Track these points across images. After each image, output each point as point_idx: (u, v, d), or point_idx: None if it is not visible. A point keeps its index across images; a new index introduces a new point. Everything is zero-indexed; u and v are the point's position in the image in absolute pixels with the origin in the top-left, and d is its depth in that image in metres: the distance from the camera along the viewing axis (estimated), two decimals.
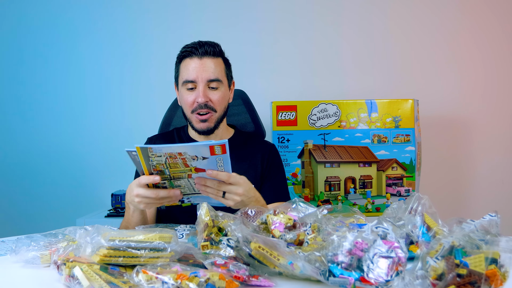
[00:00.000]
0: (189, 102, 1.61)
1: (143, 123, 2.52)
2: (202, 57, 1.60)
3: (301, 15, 2.48)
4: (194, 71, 1.59)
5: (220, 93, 1.61)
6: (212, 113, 1.61)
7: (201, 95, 1.58)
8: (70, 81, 2.62)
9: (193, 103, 1.60)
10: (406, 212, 1.14)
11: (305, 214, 1.15)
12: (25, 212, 2.63)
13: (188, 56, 1.61)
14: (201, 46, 1.60)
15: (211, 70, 1.59)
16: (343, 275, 0.93)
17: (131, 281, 0.93)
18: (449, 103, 2.43)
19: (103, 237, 1.00)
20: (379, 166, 2.05)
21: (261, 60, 2.50)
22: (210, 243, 1.07)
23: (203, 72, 1.59)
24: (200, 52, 1.60)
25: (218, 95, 1.61)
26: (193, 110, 1.61)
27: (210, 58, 1.60)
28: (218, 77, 1.60)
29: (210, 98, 1.60)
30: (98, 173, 2.59)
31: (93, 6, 2.59)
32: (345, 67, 2.47)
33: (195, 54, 1.60)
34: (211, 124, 1.62)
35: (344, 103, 2.06)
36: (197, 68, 1.59)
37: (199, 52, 1.60)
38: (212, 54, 1.61)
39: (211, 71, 1.59)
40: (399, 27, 2.45)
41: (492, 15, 2.40)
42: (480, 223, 1.07)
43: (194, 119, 1.63)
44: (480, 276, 0.83)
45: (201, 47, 1.60)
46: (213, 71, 1.59)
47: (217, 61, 1.62)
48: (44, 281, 1.06)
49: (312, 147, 2.07)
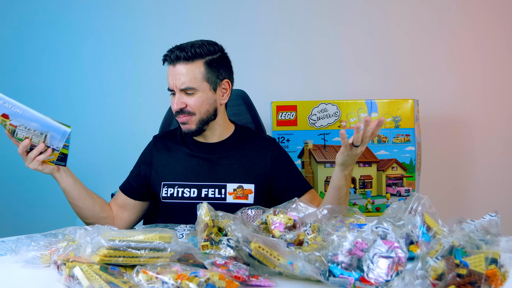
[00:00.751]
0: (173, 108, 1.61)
1: (144, 123, 2.52)
2: (175, 63, 1.56)
3: (301, 15, 2.48)
4: (170, 78, 1.58)
5: (196, 98, 1.57)
6: (192, 116, 1.59)
7: (174, 102, 1.58)
8: (71, 81, 2.62)
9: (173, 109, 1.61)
10: (406, 212, 1.14)
11: (305, 214, 1.15)
12: (25, 212, 2.63)
13: (165, 62, 1.60)
14: (172, 52, 1.57)
15: (183, 78, 1.55)
16: (343, 275, 0.93)
17: (131, 281, 0.93)
18: (449, 103, 2.42)
19: (103, 237, 1.00)
20: (379, 166, 2.05)
21: (261, 60, 2.50)
22: (210, 243, 1.07)
23: (175, 80, 1.56)
24: (172, 58, 1.57)
25: (194, 99, 1.57)
26: (175, 114, 1.62)
27: (183, 64, 1.56)
28: (189, 86, 1.55)
29: (186, 103, 1.57)
30: (98, 173, 2.59)
31: (93, 7, 2.59)
32: (345, 67, 2.47)
33: (168, 61, 1.58)
34: (192, 126, 1.60)
35: (344, 103, 2.06)
36: (171, 76, 1.58)
37: (171, 59, 1.57)
38: (184, 59, 1.55)
39: (183, 79, 1.55)
40: (399, 27, 2.45)
41: (493, 15, 2.40)
42: (480, 223, 1.08)
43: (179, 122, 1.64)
44: (480, 276, 0.83)
45: (172, 53, 1.57)
46: (184, 79, 1.55)
47: (190, 66, 1.56)
48: (44, 281, 1.06)
49: (312, 147, 2.07)
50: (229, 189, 1.62)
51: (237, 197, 1.61)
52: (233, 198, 1.61)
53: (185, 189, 1.63)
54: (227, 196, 1.61)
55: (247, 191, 1.62)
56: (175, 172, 1.66)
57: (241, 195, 1.62)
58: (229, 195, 1.61)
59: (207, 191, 1.62)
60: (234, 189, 1.62)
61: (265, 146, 1.70)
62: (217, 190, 1.62)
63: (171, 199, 1.63)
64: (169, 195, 1.63)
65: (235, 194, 1.62)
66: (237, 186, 1.62)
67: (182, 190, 1.63)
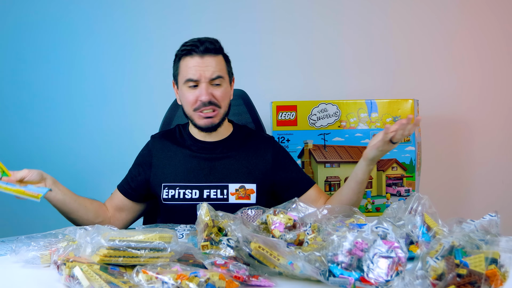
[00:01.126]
0: (191, 101, 1.58)
1: (144, 123, 2.51)
2: (203, 55, 1.57)
3: (301, 15, 2.48)
4: (196, 69, 1.56)
5: (223, 89, 1.59)
6: (217, 110, 1.59)
7: (204, 93, 1.56)
8: (71, 81, 2.61)
9: (195, 101, 1.58)
10: (406, 212, 1.14)
11: (305, 214, 1.15)
12: (25, 212, 2.63)
13: (188, 54, 1.58)
14: (202, 43, 1.58)
15: (212, 69, 1.57)
16: (343, 275, 0.93)
17: (131, 281, 0.93)
18: (449, 103, 2.42)
19: (103, 237, 1.00)
20: (379, 166, 2.05)
21: (261, 60, 2.49)
22: (210, 243, 1.07)
23: (205, 70, 1.56)
24: (201, 50, 1.57)
25: (221, 91, 1.59)
26: (195, 108, 1.59)
27: (211, 56, 1.58)
28: (220, 74, 1.58)
29: (214, 95, 1.58)
30: (98, 173, 2.58)
31: (93, 7, 2.58)
32: (345, 67, 2.47)
33: (196, 52, 1.57)
34: (216, 120, 1.60)
35: (344, 103, 2.06)
36: (198, 67, 1.57)
37: (200, 50, 1.57)
38: (214, 52, 1.59)
39: (212, 69, 1.57)
40: (399, 27, 2.45)
41: (492, 15, 2.40)
42: (480, 223, 1.08)
43: (196, 117, 1.60)
44: (480, 276, 0.83)
45: (202, 45, 1.57)
46: (214, 69, 1.57)
47: (218, 58, 1.60)
48: (44, 281, 1.06)
49: (312, 147, 2.07)
50: (231, 189, 1.61)
51: (239, 197, 1.61)
52: (236, 198, 1.60)
53: (187, 190, 1.61)
54: (230, 197, 1.60)
55: (249, 191, 1.61)
56: (176, 173, 1.64)
57: (243, 195, 1.61)
58: (231, 196, 1.60)
59: (209, 192, 1.61)
60: (236, 189, 1.61)
61: (265, 145, 1.69)
62: (219, 191, 1.61)
63: (172, 201, 1.62)
64: (170, 196, 1.62)
65: (237, 195, 1.61)
66: (239, 186, 1.61)
67: (183, 192, 1.61)
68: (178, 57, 1.62)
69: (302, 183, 1.66)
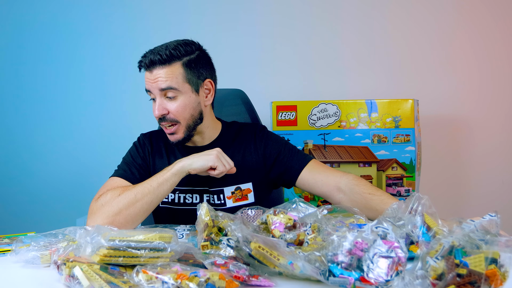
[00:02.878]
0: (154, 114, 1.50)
1: (143, 123, 2.50)
2: (151, 68, 1.47)
3: (301, 16, 2.48)
4: (147, 83, 1.49)
5: (179, 102, 1.47)
6: (177, 124, 1.50)
7: (156, 108, 1.48)
8: (70, 81, 2.62)
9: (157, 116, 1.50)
10: (406, 212, 1.14)
11: (305, 214, 1.15)
12: (25, 212, 2.63)
13: (141, 68, 1.51)
14: (146, 56, 1.48)
15: (160, 81, 1.45)
16: (343, 275, 0.93)
17: (131, 281, 0.93)
18: (449, 103, 2.42)
19: (103, 237, 1.00)
20: (379, 166, 2.05)
21: (261, 60, 2.50)
22: (210, 243, 1.07)
23: (153, 83, 1.47)
24: (146, 64, 1.48)
25: (176, 104, 1.47)
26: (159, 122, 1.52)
27: (159, 67, 1.46)
28: (170, 85, 1.45)
29: (168, 110, 1.48)
30: (98, 173, 2.58)
31: (93, 7, 2.59)
32: (345, 67, 2.47)
33: (144, 67, 1.49)
34: (179, 136, 1.51)
35: (344, 103, 2.06)
36: (148, 81, 1.48)
37: (145, 64, 1.48)
38: (160, 63, 1.45)
39: (160, 82, 1.45)
40: (399, 27, 2.45)
41: (490, 15, 2.40)
42: (480, 223, 1.08)
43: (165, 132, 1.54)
44: (480, 276, 0.83)
45: (145, 58, 1.48)
46: (162, 81, 1.45)
47: (168, 69, 1.46)
48: (44, 281, 1.06)
49: (312, 147, 2.07)
50: (226, 193, 1.56)
51: (237, 200, 1.56)
52: (233, 201, 1.56)
53: (187, 195, 1.57)
54: (227, 201, 1.56)
55: (246, 191, 1.57)
56: None
57: (240, 196, 1.57)
58: (228, 200, 1.56)
59: (208, 196, 1.57)
60: (232, 192, 1.56)
61: (253, 137, 1.61)
62: (215, 196, 1.56)
63: (172, 205, 1.58)
64: (170, 200, 1.58)
65: (234, 197, 1.56)
66: (235, 188, 1.56)
67: (183, 196, 1.57)
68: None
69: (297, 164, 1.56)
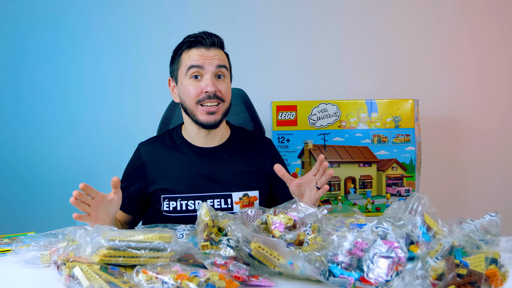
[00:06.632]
0: (194, 93, 1.51)
1: (142, 123, 2.51)
2: (210, 47, 1.53)
3: (301, 15, 2.48)
4: (201, 58, 1.51)
5: (226, 84, 1.55)
6: (221, 104, 1.53)
7: (210, 83, 1.49)
8: (70, 81, 2.61)
9: (200, 93, 1.51)
10: (406, 212, 1.14)
11: (305, 214, 1.15)
12: (25, 212, 2.63)
13: (193, 46, 1.53)
14: (208, 36, 1.53)
15: (218, 59, 1.52)
16: (343, 275, 0.93)
17: (131, 281, 0.93)
18: (449, 103, 2.42)
19: (103, 237, 1.00)
20: (379, 166, 2.05)
21: (261, 60, 2.50)
22: (210, 243, 1.07)
23: (211, 60, 1.51)
24: (208, 42, 1.53)
25: (225, 84, 1.54)
26: (199, 100, 1.52)
27: (217, 49, 1.55)
28: (225, 64, 1.54)
29: (218, 88, 1.52)
30: (98, 173, 2.58)
31: (93, 7, 2.59)
32: (345, 67, 2.47)
33: (202, 44, 1.53)
34: (219, 117, 1.53)
35: (344, 103, 2.06)
36: (204, 56, 1.51)
37: (206, 42, 1.52)
38: (219, 46, 1.56)
39: (218, 60, 1.52)
40: (399, 27, 2.45)
41: (491, 15, 2.40)
42: (480, 223, 1.08)
43: (199, 111, 1.53)
44: (480, 276, 0.83)
45: (208, 37, 1.53)
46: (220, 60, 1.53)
47: (222, 53, 1.57)
48: (44, 281, 1.06)
49: (312, 147, 2.07)
50: (235, 198, 1.56)
51: (244, 206, 1.57)
52: (240, 207, 1.56)
53: (189, 202, 1.54)
54: (234, 206, 1.56)
55: (253, 198, 1.58)
56: (175, 183, 1.55)
57: (247, 203, 1.57)
58: (235, 205, 1.56)
59: (213, 201, 1.55)
60: (240, 197, 1.57)
61: (264, 148, 1.67)
62: (223, 200, 1.55)
63: (174, 213, 1.55)
64: (172, 208, 1.55)
65: (241, 203, 1.57)
66: (243, 194, 1.57)
67: (185, 203, 1.54)
68: (181, 49, 1.56)
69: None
